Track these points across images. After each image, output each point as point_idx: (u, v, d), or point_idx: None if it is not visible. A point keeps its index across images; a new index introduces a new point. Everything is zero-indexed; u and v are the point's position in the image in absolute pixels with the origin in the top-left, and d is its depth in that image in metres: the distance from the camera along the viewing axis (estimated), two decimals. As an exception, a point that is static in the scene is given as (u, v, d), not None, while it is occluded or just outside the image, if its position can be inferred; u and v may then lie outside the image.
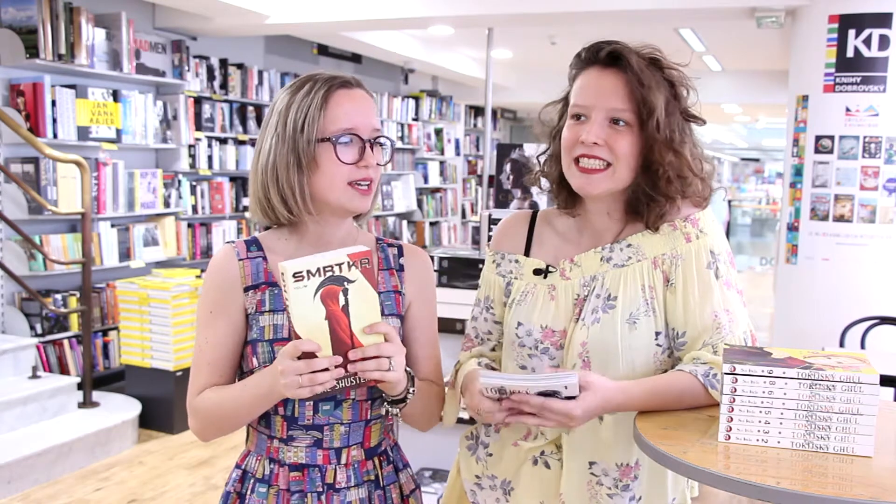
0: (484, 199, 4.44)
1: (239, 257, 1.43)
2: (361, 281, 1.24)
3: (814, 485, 1.09)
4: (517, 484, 1.49)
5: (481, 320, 1.56)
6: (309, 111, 1.37)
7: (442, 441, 1.55)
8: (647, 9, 5.07)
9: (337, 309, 1.23)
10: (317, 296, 1.22)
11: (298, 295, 1.21)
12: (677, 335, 1.40)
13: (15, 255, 4.64)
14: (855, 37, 4.41)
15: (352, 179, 1.38)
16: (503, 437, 1.51)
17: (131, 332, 4.71)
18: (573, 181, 1.41)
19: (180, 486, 3.98)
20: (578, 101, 1.40)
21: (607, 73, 1.38)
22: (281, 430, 1.41)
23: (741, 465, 1.16)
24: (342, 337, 1.24)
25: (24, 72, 4.72)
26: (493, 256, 1.56)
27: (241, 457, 1.50)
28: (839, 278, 4.47)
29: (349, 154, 1.37)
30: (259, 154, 1.41)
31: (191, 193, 6.04)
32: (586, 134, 1.36)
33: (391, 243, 1.53)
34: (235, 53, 6.64)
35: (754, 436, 1.23)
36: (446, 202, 9.95)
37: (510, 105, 12.99)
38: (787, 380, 1.21)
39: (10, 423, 4.05)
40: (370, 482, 1.45)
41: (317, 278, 1.22)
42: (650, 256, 1.41)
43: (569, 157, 1.40)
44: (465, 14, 5.50)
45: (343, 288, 1.23)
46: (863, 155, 4.43)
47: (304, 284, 1.21)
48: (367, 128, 1.39)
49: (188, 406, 1.44)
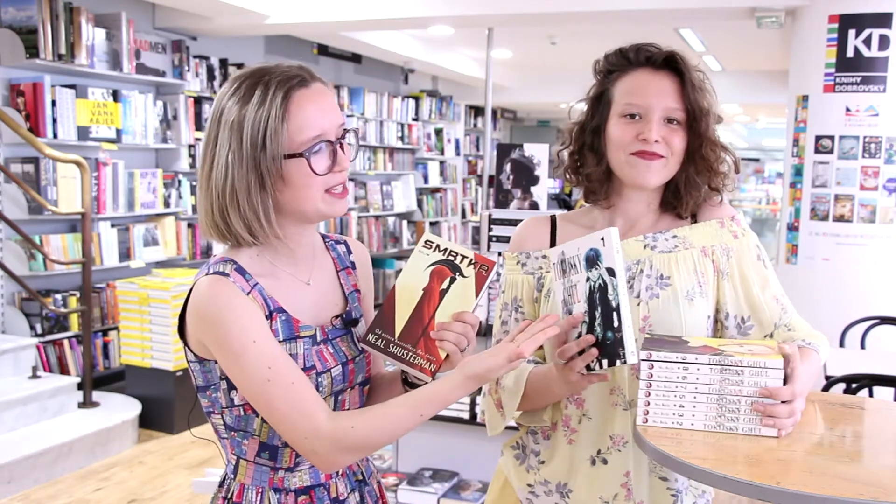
0: (484, 199, 4.44)
1: (245, 291, 1.27)
2: (471, 280, 1.29)
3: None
4: (575, 485, 1.50)
5: (512, 322, 1.56)
6: (268, 124, 1.22)
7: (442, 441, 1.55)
8: (647, 9, 5.07)
9: (437, 288, 1.28)
10: (429, 268, 1.28)
11: (417, 257, 1.30)
12: (743, 320, 1.49)
13: (15, 255, 4.64)
14: (855, 37, 4.41)
15: (328, 187, 1.28)
16: (554, 442, 1.52)
17: (131, 332, 4.71)
18: (629, 172, 1.46)
19: (180, 486, 3.98)
20: (633, 100, 1.45)
21: (661, 75, 1.46)
22: (289, 461, 1.34)
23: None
24: (423, 313, 1.27)
25: (24, 72, 4.72)
26: (517, 258, 1.58)
27: (235, 493, 1.36)
28: (839, 278, 4.47)
29: (323, 163, 1.26)
30: (211, 171, 1.26)
31: (191, 193, 6.03)
32: (649, 132, 1.42)
33: (337, 240, 1.47)
34: (235, 53, 6.64)
35: (670, 419, 1.29)
36: (446, 202, 9.95)
37: (510, 105, 12.99)
38: (699, 365, 1.28)
39: (10, 423, 4.05)
40: (359, 482, 1.45)
41: (439, 254, 1.29)
42: (698, 246, 1.50)
43: (623, 153, 1.45)
44: (465, 14, 5.50)
45: (453, 276, 1.28)
46: (863, 155, 4.43)
47: (427, 253, 1.30)
48: (334, 127, 1.28)
49: (319, 435, 1.22)
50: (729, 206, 1.56)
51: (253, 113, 1.23)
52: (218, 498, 1.38)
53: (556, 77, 10.02)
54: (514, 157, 2.92)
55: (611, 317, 1.27)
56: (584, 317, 1.30)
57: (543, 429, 1.53)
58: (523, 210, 2.92)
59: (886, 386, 2.85)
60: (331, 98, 1.31)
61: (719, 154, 1.49)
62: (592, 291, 1.29)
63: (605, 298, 1.28)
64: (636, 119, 1.45)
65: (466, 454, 2.89)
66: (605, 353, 1.28)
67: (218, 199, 1.26)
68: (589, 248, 1.30)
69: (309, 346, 1.32)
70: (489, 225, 2.91)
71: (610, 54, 1.52)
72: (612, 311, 1.27)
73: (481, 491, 2.82)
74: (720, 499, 1.62)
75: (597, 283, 1.29)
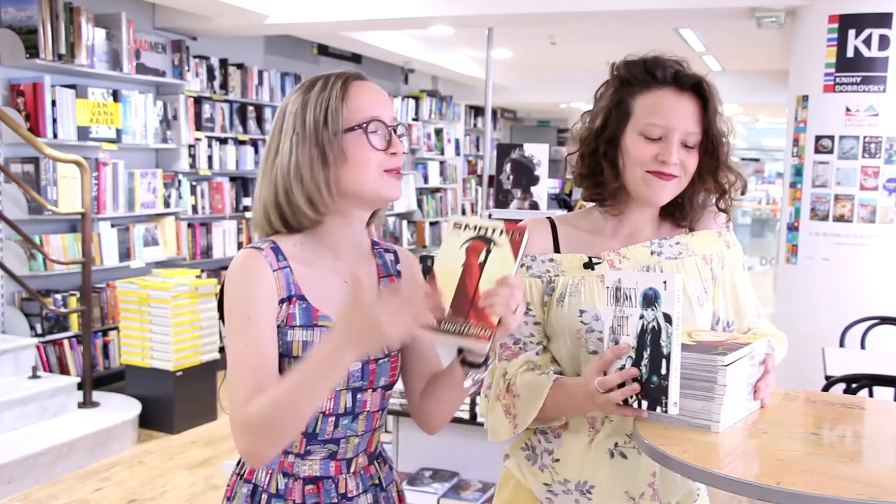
0: (484, 199, 4.44)
1: (272, 268, 1.32)
2: (506, 248, 1.29)
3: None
4: (597, 482, 1.49)
5: (520, 325, 1.54)
6: (330, 104, 1.33)
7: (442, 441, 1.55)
8: (647, 9, 5.07)
9: (475, 262, 1.29)
10: (463, 246, 1.30)
11: (451, 239, 1.31)
12: (728, 324, 1.57)
13: (15, 255, 4.64)
14: (855, 37, 4.41)
15: (385, 167, 1.36)
16: (566, 441, 1.51)
17: (131, 332, 4.71)
18: (644, 190, 1.48)
19: (180, 486, 3.98)
20: (657, 121, 1.45)
21: (686, 98, 1.47)
22: (299, 446, 1.38)
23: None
24: (467, 287, 1.28)
25: (24, 72, 4.72)
26: (522, 261, 1.56)
27: (246, 472, 1.41)
28: (839, 278, 4.47)
29: (380, 141, 1.35)
30: (276, 158, 1.35)
31: (191, 193, 6.04)
32: (669, 156, 1.44)
33: (387, 248, 1.51)
34: (235, 53, 6.64)
35: (731, 418, 1.33)
36: (446, 202, 9.95)
37: (510, 105, 13.00)
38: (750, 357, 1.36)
39: (10, 423, 4.05)
40: (375, 486, 1.45)
41: (470, 232, 1.31)
42: (699, 253, 1.55)
43: (640, 170, 1.47)
44: (465, 14, 5.50)
45: (488, 248, 1.29)
46: (863, 155, 4.43)
47: (459, 234, 1.31)
48: (389, 116, 1.38)
49: (237, 422, 1.25)
50: (722, 215, 1.59)
51: (315, 97, 1.34)
52: (234, 474, 1.44)
53: (556, 77, 10.02)
54: (514, 157, 2.92)
55: (660, 362, 1.27)
56: (630, 351, 1.31)
57: (553, 428, 1.52)
58: (523, 210, 2.92)
59: (886, 386, 2.84)
60: (386, 94, 1.41)
61: (734, 179, 1.53)
62: (644, 331, 1.30)
63: (656, 342, 1.28)
64: (657, 139, 1.45)
65: (466, 454, 2.89)
66: (647, 395, 1.29)
67: (283, 179, 1.34)
68: (648, 286, 1.30)
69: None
70: (489, 225, 2.91)
71: (632, 65, 1.50)
72: (663, 357, 1.27)
73: (481, 491, 2.82)
74: (720, 499, 1.62)
75: (651, 324, 1.29)
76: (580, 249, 1.54)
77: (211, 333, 4.86)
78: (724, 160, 1.49)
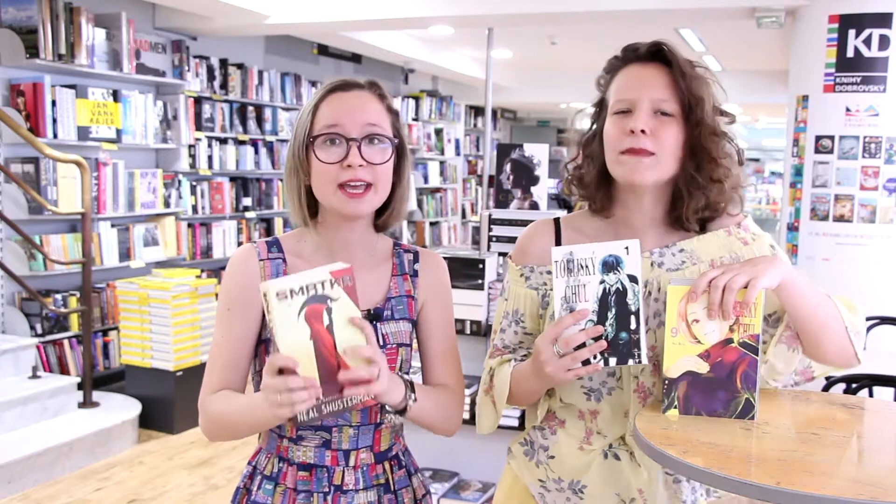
0: (484, 199, 4.44)
1: (260, 257, 1.42)
2: (344, 299, 1.22)
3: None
4: (589, 482, 1.48)
5: (510, 332, 1.53)
6: (304, 115, 1.39)
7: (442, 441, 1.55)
8: (647, 9, 5.07)
9: (322, 328, 1.20)
10: (301, 315, 1.19)
11: (283, 314, 1.18)
12: (769, 316, 1.43)
13: (15, 255, 4.64)
14: (855, 37, 4.41)
15: (340, 181, 1.34)
16: (561, 439, 1.51)
17: (131, 332, 4.71)
18: (619, 170, 1.40)
19: (180, 486, 3.98)
20: (622, 95, 1.41)
21: (649, 67, 1.42)
22: (290, 431, 1.41)
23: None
24: (327, 357, 1.20)
25: (24, 72, 4.72)
26: (521, 270, 1.53)
27: (252, 454, 1.50)
28: (839, 278, 4.47)
29: (330, 154, 1.35)
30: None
31: (191, 193, 6.04)
32: (633, 122, 1.37)
33: (408, 249, 1.53)
34: (235, 53, 6.65)
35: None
36: (446, 202, 9.95)
37: (510, 105, 13.00)
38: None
39: (10, 423, 4.05)
40: (380, 486, 1.45)
41: (301, 297, 1.19)
42: (706, 259, 1.44)
43: (614, 152, 1.40)
44: (465, 14, 5.50)
45: (327, 307, 1.21)
46: (863, 155, 4.43)
47: (288, 304, 1.18)
48: (356, 125, 1.36)
49: (199, 403, 1.41)
50: (738, 213, 1.50)
51: (302, 108, 1.43)
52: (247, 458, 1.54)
53: (556, 77, 10.02)
54: (514, 157, 2.92)
55: (627, 319, 1.30)
56: (592, 315, 1.32)
57: (550, 425, 1.52)
58: (523, 210, 2.92)
59: (886, 386, 2.84)
60: (365, 101, 1.40)
61: (722, 144, 1.42)
62: (607, 294, 1.31)
63: (622, 301, 1.31)
64: (626, 114, 1.40)
65: (466, 454, 2.89)
66: (616, 352, 1.31)
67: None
68: (608, 253, 1.32)
69: None
70: (489, 225, 2.91)
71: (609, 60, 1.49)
72: (631, 314, 1.30)
73: (481, 491, 2.83)
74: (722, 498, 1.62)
75: (614, 286, 1.31)
76: None
77: (211, 333, 4.84)
78: (704, 121, 1.38)
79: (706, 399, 1.33)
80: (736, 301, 1.29)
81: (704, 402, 1.33)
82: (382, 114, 1.41)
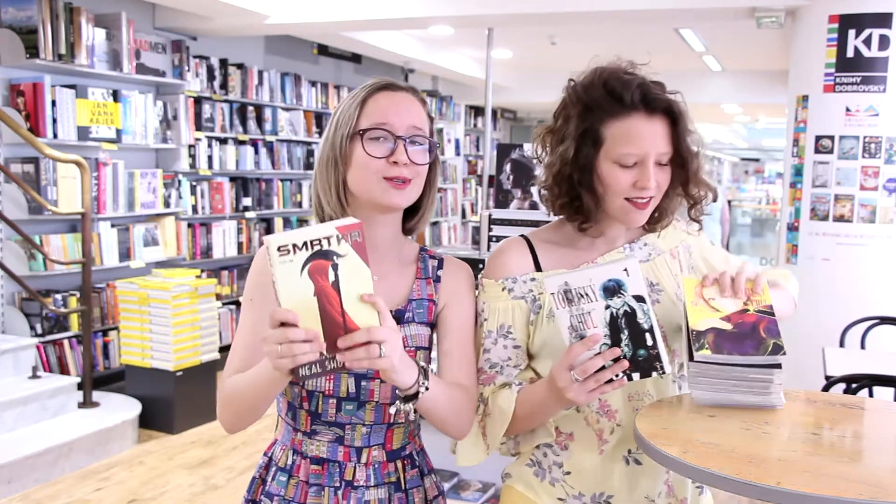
0: (484, 199, 4.44)
1: None
2: (352, 256, 1.16)
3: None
4: (615, 491, 1.48)
5: (499, 349, 1.51)
6: (349, 110, 1.42)
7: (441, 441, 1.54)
8: (647, 9, 5.07)
9: (327, 285, 1.15)
10: (304, 271, 1.14)
11: (284, 270, 1.13)
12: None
13: (15, 255, 4.64)
14: (855, 37, 4.41)
15: (386, 175, 1.38)
16: (575, 452, 1.50)
17: (131, 332, 4.71)
18: (624, 217, 1.48)
19: (180, 486, 3.98)
20: (632, 150, 1.42)
21: (655, 120, 1.44)
22: (305, 424, 1.43)
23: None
24: (333, 315, 1.15)
25: (24, 72, 4.72)
26: (502, 284, 1.52)
27: (269, 445, 1.53)
28: (839, 278, 4.47)
29: (378, 149, 1.39)
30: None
31: (191, 193, 6.04)
32: (647, 181, 1.43)
33: (433, 255, 1.54)
34: (235, 53, 6.65)
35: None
36: (446, 202, 9.95)
37: (510, 105, 13.00)
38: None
39: (10, 423, 4.05)
40: (391, 484, 1.45)
41: (304, 252, 1.14)
42: (666, 249, 1.59)
43: (619, 197, 1.46)
44: (465, 14, 5.50)
45: (333, 263, 1.15)
46: (863, 155, 4.43)
47: (290, 259, 1.13)
48: (403, 125, 1.40)
49: (219, 390, 1.42)
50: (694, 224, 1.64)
51: (343, 103, 1.44)
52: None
53: (556, 77, 9.94)
54: (514, 157, 2.92)
55: (642, 336, 1.32)
56: (604, 339, 1.32)
57: (559, 440, 1.51)
58: (523, 210, 2.92)
59: (886, 386, 2.84)
60: (411, 103, 1.44)
61: (706, 192, 1.54)
62: (616, 318, 1.32)
63: (633, 322, 1.32)
64: (633, 166, 1.43)
65: (466, 454, 2.89)
66: (638, 367, 1.32)
67: (314, 175, 1.47)
68: (607, 279, 1.32)
69: None
70: (489, 225, 2.91)
71: (590, 88, 1.45)
72: (645, 332, 1.32)
73: (481, 491, 2.82)
74: (720, 499, 1.62)
75: (621, 309, 1.32)
76: (561, 264, 1.51)
77: (211, 333, 4.86)
78: (697, 175, 1.49)
79: (735, 345, 1.38)
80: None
81: (734, 346, 1.38)
82: (424, 118, 1.45)
